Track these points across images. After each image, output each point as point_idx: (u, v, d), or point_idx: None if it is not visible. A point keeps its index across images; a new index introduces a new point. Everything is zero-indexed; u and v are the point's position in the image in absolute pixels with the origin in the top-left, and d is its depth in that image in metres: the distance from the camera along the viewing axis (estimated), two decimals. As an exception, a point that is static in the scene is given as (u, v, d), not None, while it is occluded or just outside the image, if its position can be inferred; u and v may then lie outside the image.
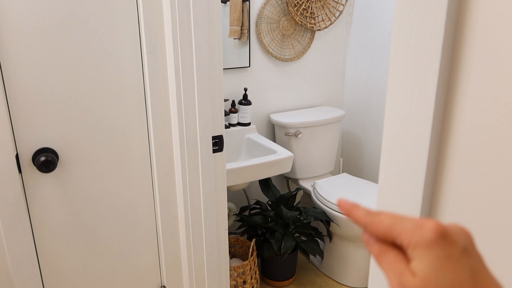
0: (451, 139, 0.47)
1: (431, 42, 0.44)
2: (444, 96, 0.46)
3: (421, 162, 0.47)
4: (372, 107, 2.37)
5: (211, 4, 1.13)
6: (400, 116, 0.49)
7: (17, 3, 0.99)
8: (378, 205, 0.53)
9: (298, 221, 1.98)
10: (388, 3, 2.16)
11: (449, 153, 0.47)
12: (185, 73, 1.15)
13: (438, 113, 0.46)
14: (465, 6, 0.44)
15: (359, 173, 2.55)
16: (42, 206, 1.15)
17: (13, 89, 1.03)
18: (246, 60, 2.11)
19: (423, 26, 0.45)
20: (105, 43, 1.11)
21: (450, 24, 0.44)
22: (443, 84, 0.46)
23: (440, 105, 0.46)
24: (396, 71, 0.48)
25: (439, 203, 0.49)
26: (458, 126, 0.46)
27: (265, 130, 2.31)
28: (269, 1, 2.09)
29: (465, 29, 0.44)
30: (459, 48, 0.45)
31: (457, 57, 0.45)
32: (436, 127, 0.47)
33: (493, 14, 0.42)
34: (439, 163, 0.49)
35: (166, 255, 1.37)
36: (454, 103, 0.46)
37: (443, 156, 0.48)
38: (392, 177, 0.51)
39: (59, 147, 1.13)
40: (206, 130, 1.23)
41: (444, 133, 0.47)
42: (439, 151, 0.48)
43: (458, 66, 0.45)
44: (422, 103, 0.46)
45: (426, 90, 0.46)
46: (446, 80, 0.46)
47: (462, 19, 0.44)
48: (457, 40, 0.45)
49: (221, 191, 1.33)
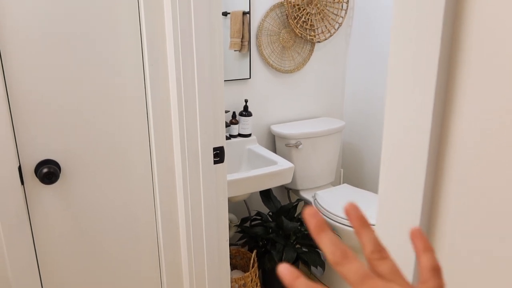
0: (449, 148, 0.48)
1: (429, 52, 0.45)
2: (442, 106, 0.47)
3: (420, 171, 0.48)
4: (372, 118, 2.38)
5: (212, 16, 1.15)
6: (399, 126, 0.49)
7: (21, 16, 1.00)
8: (379, 215, 0.53)
9: (299, 232, 1.97)
10: (386, 15, 2.18)
11: (448, 162, 0.48)
12: (187, 85, 1.16)
13: (436, 122, 0.47)
14: (461, 15, 0.45)
15: (360, 183, 2.55)
16: (43, 217, 1.15)
17: (16, 101, 1.04)
18: (246, 72, 2.13)
19: (420, 36, 0.46)
20: (107, 55, 1.12)
21: (447, 34, 0.45)
22: (441, 94, 0.46)
23: (438, 114, 0.47)
24: (395, 82, 0.49)
25: (438, 212, 0.50)
26: (456, 135, 0.47)
27: (265, 141, 2.32)
28: (269, 14, 2.12)
29: (462, 38, 0.45)
30: (456, 58, 0.46)
31: (454, 67, 0.46)
32: (434, 137, 0.47)
33: (490, 20, 0.43)
34: (438, 172, 0.49)
35: (167, 266, 1.36)
36: (452, 112, 0.47)
37: (441, 165, 0.49)
38: (392, 187, 0.52)
39: (61, 158, 1.14)
40: (207, 141, 1.23)
41: (442, 142, 0.48)
42: (438, 161, 0.49)
43: (456, 76, 0.46)
44: (421, 113, 0.47)
45: (424, 100, 0.46)
46: (444, 90, 0.47)
47: (458, 27, 0.45)
48: (454, 49, 0.46)
49: (222, 202, 1.34)
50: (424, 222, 0.50)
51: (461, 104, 0.46)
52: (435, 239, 0.52)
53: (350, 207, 0.32)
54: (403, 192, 0.50)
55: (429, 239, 0.32)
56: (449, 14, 0.44)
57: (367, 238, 0.32)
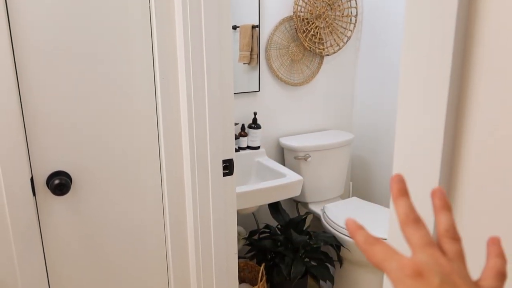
0: (462, 161, 0.47)
1: (440, 67, 0.45)
2: (454, 119, 0.47)
3: (433, 183, 0.48)
4: (381, 131, 2.37)
5: (223, 30, 1.17)
6: (410, 139, 0.49)
7: (37, 35, 1.02)
8: (390, 227, 0.53)
9: (308, 246, 1.96)
10: (394, 28, 2.19)
11: (460, 176, 0.48)
12: (197, 98, 1.17)
13: (448, 135, 0.47)
14: (474, 23, 0.45)
15: (369, 197, 2.53)
16: (54, 228, 1.16)
17: (30, 114, 1.06)
18: (255, 85, 2.15)
19: (432, 49, 0.46)
20: (119, 68, 1.14)
21: (459, 44, 0.45)
22: (453, 107, 0.46)
23: (451, 127, 0.47)
24: (406, 95, 0.49)
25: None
26: (468, 148, 0.47)
27: (274, 153, 2.32)
28: (279, 28, 2.14)
29: (475, 47, 0.45)
30: (469, 71, 0.46)
31: (467, 79, 0.46)
32: (446, 149, 0.47)
33: (503, 35, 0.43)
34: (450, 184, 0.49)
35: (175, 278, 1.36)
36: (464, 125, 0.47)
37: (454, 178, 0.48)
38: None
39: (73, 170, 1.15)
40: (216, 153, 1.24)
41: (455, 155, 0.48)
42: (451, 173, 0.48)
43: (467, 88, 0.46)
44: (432, 127, 0.47)
45: (436, 113, 0.46)
46: (456, 103, 0.47)
47: (471, 34, 0.45)
48: (466, 61, 0.46)
49: (231, 215, 1.34)
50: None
51: (473, 116, 0.46)
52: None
53: (439, 189, 0.34)
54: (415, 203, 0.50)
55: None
56: (461, 28, 0.45)
57: (445, 218, 0.33)
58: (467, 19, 0.44)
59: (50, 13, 1.03)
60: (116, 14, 1.11)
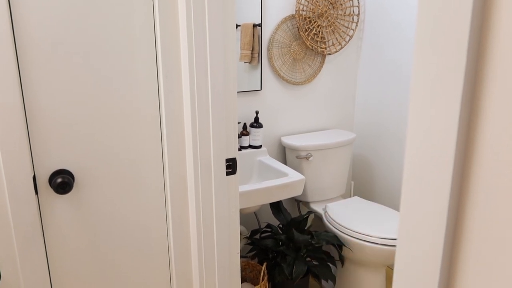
0: (475, 157, 0.47)
1: (455, 59, 0.45)
2: (467, 126, 0.46)
3: (445, 190, 0.47)
4: (383, 130, 2.37)
5: (227, 29, 1.16)
6: (421, 147, 0.49)
7: (39, 32, 1.02)
8: (400, 228, 0.53)
9: (310, 245, 1.95)
10: (397, 27, 2.18)
11: (473, 173, 0.47)
12: (200, 97, 1.17)
13: (461, 142, 0.46)
14: (490, 12, 0.44)
15: (371, 196, 2.53)
16: (56, 227, 1.16)
17: (32, 113, 1.05)
18: (257, 84, 2.14)
19: (446, 41, 0.46)
20: (122, 67, 1.14)
21: (474, 36, 0.45)
22: (466, 113, 0.46)
23: (463, 136, 0.46)
24: (417, 103, 0.49)
25: (463, 227, 0.49)
26: (483, 142, 0.46)
27: (276, 152, 2.31)
28: (281, 26, 2.13)
29: (489, 51, 0.45)
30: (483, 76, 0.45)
31: (481, 83, 0.46)
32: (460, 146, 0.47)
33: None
34: (463, 181, 0.48)
35: (178, 278, 1.36)
36: (477, 133, 0.46)
37: (466, 176, 0.48)
38: (415, 203, 0.51)
39: (75, 169, 1.14)
40: (220, 152, 1.24)
41: (467, 164, 0.47)
42: (462, 180, 0.48)
43: (482, 92, 0.46)
44: (444, 136, 0.46)
45: (448, 121, 0.46)
46: (469, 110, 0.46)
47: (487, 25, 0.45)
48: (480, 66, 0.45)
49: (234, 214, 1.33)
50: (448, 236, 0.49)
51: (488, 119, 0.45)
52: (459, 259, 0.51)
53: None
54: (426, 209, 0.49)
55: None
56: (477, 17, 0.44)
57: None
58: (483, 8, 0.44)
59: (53, 11, 1.03)
60: (120, 12, 1.10)
